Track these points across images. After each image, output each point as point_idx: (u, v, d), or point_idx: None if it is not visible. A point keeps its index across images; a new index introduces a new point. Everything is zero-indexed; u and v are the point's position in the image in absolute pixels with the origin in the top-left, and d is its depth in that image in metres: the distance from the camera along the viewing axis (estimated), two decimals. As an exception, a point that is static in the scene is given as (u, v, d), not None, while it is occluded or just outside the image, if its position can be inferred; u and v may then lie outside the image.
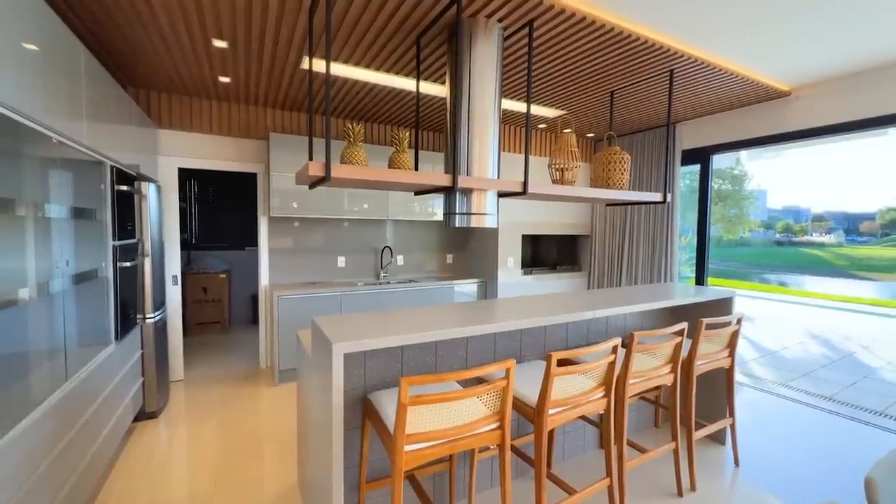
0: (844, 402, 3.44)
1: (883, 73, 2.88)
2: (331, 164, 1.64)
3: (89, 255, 1.98)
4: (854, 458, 2.44)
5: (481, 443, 1.40)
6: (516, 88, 3.23)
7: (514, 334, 2.11)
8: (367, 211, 4.04)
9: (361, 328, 1.53)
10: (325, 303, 3.59)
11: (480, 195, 2.20)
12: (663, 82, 3.06)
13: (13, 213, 1.38)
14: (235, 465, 2.32)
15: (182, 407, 3.08)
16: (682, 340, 1.95)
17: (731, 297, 2.59)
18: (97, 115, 2.06)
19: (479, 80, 2.17)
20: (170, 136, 3.46)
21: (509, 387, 1.40)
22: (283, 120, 3.87)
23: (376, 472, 1.78)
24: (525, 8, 2.09)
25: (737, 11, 2.21)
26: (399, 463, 1.26)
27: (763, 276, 11.99)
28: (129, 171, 2.57)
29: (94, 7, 2.13)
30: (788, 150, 4.20)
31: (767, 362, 4.70)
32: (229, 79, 3.09)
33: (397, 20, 2.22)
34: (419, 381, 1.24)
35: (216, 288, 5.25)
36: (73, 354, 1.75)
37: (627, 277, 4.59)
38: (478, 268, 4.57)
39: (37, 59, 1.49)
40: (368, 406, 1.57)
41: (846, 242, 11.83)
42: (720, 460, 2.40)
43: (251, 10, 2.15)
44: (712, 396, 2.63)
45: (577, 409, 1.63)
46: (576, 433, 2.41)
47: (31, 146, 1.46)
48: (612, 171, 2.61)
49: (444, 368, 1.89)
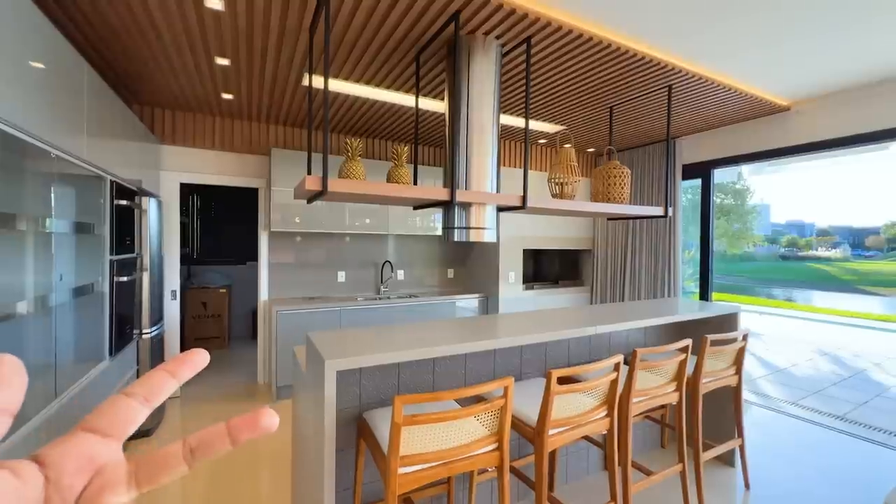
0: (857, 421, 3.33)
1: (882, 88, 2.88)
2: (328, 178, 1.64)
3: (86, 269, 1.97)
4: (869, 481, 2.34)
5: (479, 465, 1.35)
6: (516, 104, 3.25)
7: (513, 351, 2.06)
8: (368, 226, 4.04)
9: (357, 344, 1.50)
10: (325, 318, 3.56)
11: (479, 209, 2.19)
12: (662, 97, 3.08)
13: (9, 227, 1.37)
14: (229, 486, 2.26)
15: (177, 424, 3.03)
16: (686, 357, 1.90)
17: (735, 312, 2.54)
18: (98, 131, 2.08)
19: (477, 96, 2.18)
20: (173, 151, 3.49)
21: (507, 406, 1.35)
22: (285, 135, 3.91)
23: (373, 495, 1.71)
24: (522, 25, 2.11)
25: (732, 31, 2.22)
26: (393, 486, 1.21)
27: (770, 291, 11.87)
28: (131, 185, 2.58)
29: (101, 27, 2.17)
30: (790, 165, 4.18)
31: (776, 380, 4.59)
32: (232, 95, 3.14)
33: (396, 38, 2.25)
34: (414, 400, 1.20)
35: (216, 303, 5.22)
36: (63, 370, 1.72)
37: (630, 292, 4.53)
38: (479, 283, 4.54)
39: (39, 76, 1.51)
40: (363, 425, 1.52)
41: (852, 257, 11.73)
42: (730, 483, 2.32)
43: (253, 31, 2.19)
44: (720, 416, 2.55)
45: (579, 429, 1.57)
46: (579, 454, 2.33)
47: (29, 161, 1.47)
48: (613, 185, 2.60)
49: (442, 386, 1.85)
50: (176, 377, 0.28)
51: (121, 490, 0.24)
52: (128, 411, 0.26)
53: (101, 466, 0.24)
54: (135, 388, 0.26)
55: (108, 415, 0.25)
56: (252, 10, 2.01)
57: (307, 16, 2.05)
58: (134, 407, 0.26)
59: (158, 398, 0.27)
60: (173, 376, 0.28)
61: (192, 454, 0.26)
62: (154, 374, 0.27)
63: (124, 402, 0.26)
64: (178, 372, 0.28)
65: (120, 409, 0.26)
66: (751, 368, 4.98)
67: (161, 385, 0.27)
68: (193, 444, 0.26)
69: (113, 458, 0.25)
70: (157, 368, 0.28)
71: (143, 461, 0.25)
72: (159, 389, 0.27)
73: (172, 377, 0.28)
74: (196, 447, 0.26)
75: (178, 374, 0.28)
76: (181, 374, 0.28)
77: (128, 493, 0.25)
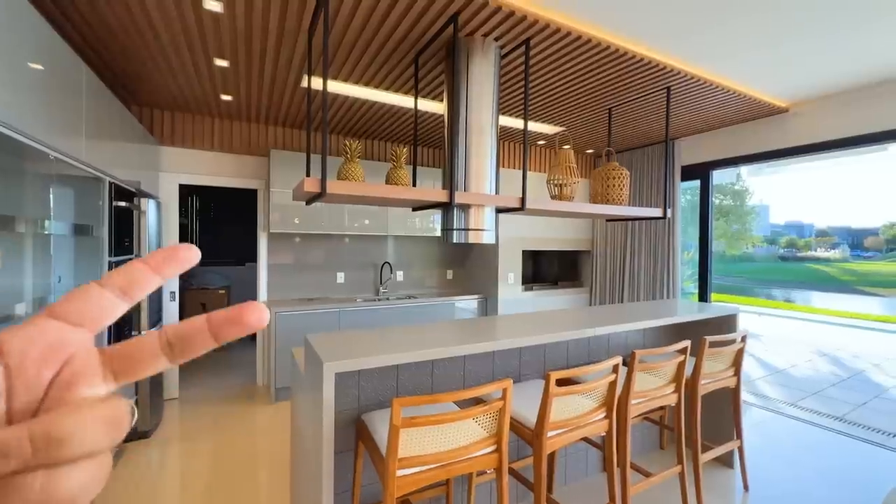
0: (856, 422, 3.34)
1: (881, 89, 2.89)
2: (327, 179, 1.64)
3: (84, 271, 1.97)
4: (868, 482, 2.35)
5: (477, 467, 1.34)
6: (515, 105, 3.25)
7: (512, 353, 2.06)
8: (367, 227, 4.04)
9: (355, 346, 1.50)
10: (324, 319, 3.55)
11: (478, 211, 2.19)
12: (661, 99, 3.08)
13: (8, 229, 1.37)
14: (227, 488, 2.25)
15: (175, 426, 3.02)
16: (685, 359, 1.90)
17: (734, 313, 2.54)
18: (97, 133, 2.08)
19: (476, 97, 2.19)
20: (172, 152, 3.49)
21: (506, 408, 1.35)
22: (284, 137, 3.91)
23: (371, 497, 1.71)
24: (521, 27, 2.12)
25: (731, 33, 2.23)
26: (391, 488, 1.21)
27: (769, 291, 11.88)
28: (130, 187, 2.58)
29: (99, 28, 2.17)
30: (789, 166, 4.19)
31: (775, 381, 4.59)
32: (231, 97, 3.14)
33: (395, 39, 2.26)
34: (412, 403, 1.20)
35: (215, 304, 5.22)
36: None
37: (629, 293, 4.54)
38: (478, 284, 4.54)
39: (38, 77, 1.51)
40: (361, 427, 1.52)
41: (851, 258, 11.75)
42: (729, 484, 2.31)
43: (252, 33, 2.19)
44: (719, 417, 2.55)
45: (578, 430, 1.57)
46: (578, 456, 2.33)
47: (28, 162, 1.47)
48: (611, 186, 2.60)
49: (441, 388, 1.85)
50: (160, 274, 0.24)
51: (96, 381, 0.22)
52: (101, 300, 0.22)
53: (70, 356, 0.21)
54: (111, 278, 0.23)
55: (79, 302, 0.22)
56: (251, 11, 2.01)
57: (306, 17, 2.05)
58: (108, 297, 0.22)
59: (138, 293, 0.23)
60: (156, 272, 0.24)
61: (170, 348, 0.22)
62: (133, 265, 0.23)
63: (97, 291, 0.22)
64: (162, 268, 0.24)
65: (92, 297, 0.22)
66: (750, 369, 4.98)
67: (140, 278, 0.23)
68: (171, 337, 0.23)
69: (84, 346, 0.22)
70: (136, 260, 0.23)
71: (116, 353, 0.22)
72: (139, 283, 0.23)
73: (155, 273, 0.23)
74: (175, 341, 0.23)
75: (163, 271, 0.24)
76: (165, 271, 0.24)
77: (104, 384, 0.22)
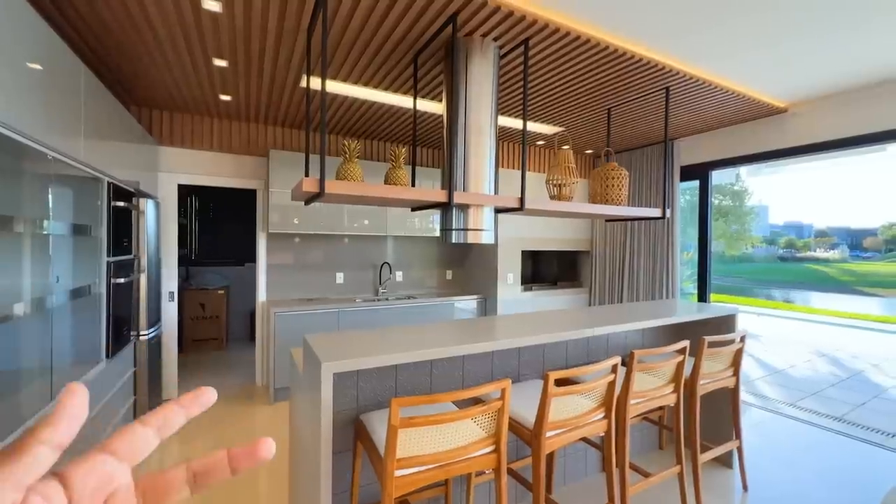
0: (855, 422, 3.34)
1: (880, 90, 2.89)
2: (325, 180, 1.64)
3: (83, 271, 1.96)
4: (867, 483, 2.35)
5: (476, 467, 1.34)
6: (514, 105, 3.25)
7: (511, 353, 2.06)
8: (367, 227, 4.04)
9: (354, 346, 1.50)
10: (323, 319, 3.55)
11: (477, 211, 2.19)
12: (660, 99, 3.08)
13: (7, 229, 1.37)
14: (226, 488, 2.25)
15: (174, 427, 3.01)
16: (684, 359, 1.90)
17: (733, 314, 2.54)
18: (96, 133, 2.07)
19: (475, 97, 2.19)
20: (171, 152, 3.49)
21: (504, 408, 1.35)
22: (283, 137, 3.90)
23: (370, 498, 1.71)
24: (520, 27, 2.12)
25: (730, 33, 2.23)
26: (390, 488, 1.21)
27: (768, 292, 11.89)
28: (128, 187, 2.57)
29: (97, 27, 2.17)
30: (788, 166, 4.19)
31: (774, 381, 4.59)
32: (230, 97, 3.13)
33: (394, 39, 2.26)
34: (410, 403, 1.20)
35: (214, 304, 5.21)
36: (60, 372, 1.71)
37: (629, 293, 4.54)
38: (477, 284, 4.54)
39: (36, 77, 1.50)
40: (360, 428, 1.52)
41: (850, 258, 11.76)
42: (728, 484, 2.32)
43: (251, 33, 2.19)
44: (718, 417, 2.56)
45: (577, 431, 1.57)
46: (577, 456, 2.33)
47: (26, 162, 1.46)
48: (611, 186, 2.60)
49: (440, 388, 1.84)
50: (187, 412, 0.30)
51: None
52: (145, 439, 0.28)
53: (116, 487, 0.26)
54: (150, 418, 0.29)
55: (127, 440, 0.27)
56: (250, 11, 2.01)
57: (305, 17, 2.05)
58: (149, 436, 0.28)
59: (169, 431, 0.29)
60: (186, 412, 0.30)
61: (195, 480, 0.28)
62: (168, 406, 0.30)
63: (141, 430, 0.28)
64: (189, 408, 0.30)
65: (137, 437, 0.28)
66: (749, 370, 4.98)
67: (174, 418, 0.29)
68: (196, 469, 0.29)
69: (126, 480, 0.27)
70: (171, 402, 0.30)
71: (149, 485, 0.28)
72: (171, 422, 0.29)
73: (184, 412, 0.30)
74: (198, 473, 0.29)
75: (189, 410, 0.30)
76: (191, 410, 0.30)
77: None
